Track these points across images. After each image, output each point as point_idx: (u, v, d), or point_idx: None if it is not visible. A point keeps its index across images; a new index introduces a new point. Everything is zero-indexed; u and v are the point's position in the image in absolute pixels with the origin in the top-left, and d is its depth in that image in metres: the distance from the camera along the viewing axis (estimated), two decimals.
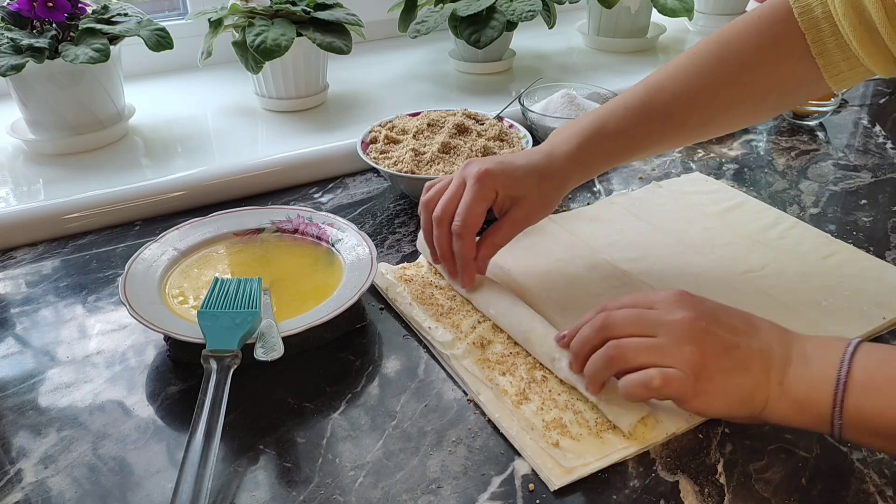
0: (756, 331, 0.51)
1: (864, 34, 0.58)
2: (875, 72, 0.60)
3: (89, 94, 0.92)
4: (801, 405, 0.48)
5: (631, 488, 0.50)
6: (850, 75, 0.61)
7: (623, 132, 0.66)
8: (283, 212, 0.73)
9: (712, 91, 0.64)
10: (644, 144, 0.68)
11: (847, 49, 0.59)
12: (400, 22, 1.17)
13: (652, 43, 1.34)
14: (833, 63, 0.60)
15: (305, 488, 0.50)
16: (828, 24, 0.59)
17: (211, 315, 0.58)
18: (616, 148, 0.67)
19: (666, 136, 0.68)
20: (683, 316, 0.50)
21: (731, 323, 0.51)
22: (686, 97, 0.65)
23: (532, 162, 0.65)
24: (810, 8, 0.60)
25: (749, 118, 0.70)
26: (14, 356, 0.62)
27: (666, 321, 0.50)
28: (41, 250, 0.77)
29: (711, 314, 0.51)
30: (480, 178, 0.62)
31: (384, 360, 0.61)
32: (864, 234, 0.78)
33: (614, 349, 0.51)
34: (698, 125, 0.67)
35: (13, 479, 0.50)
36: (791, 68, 0.62)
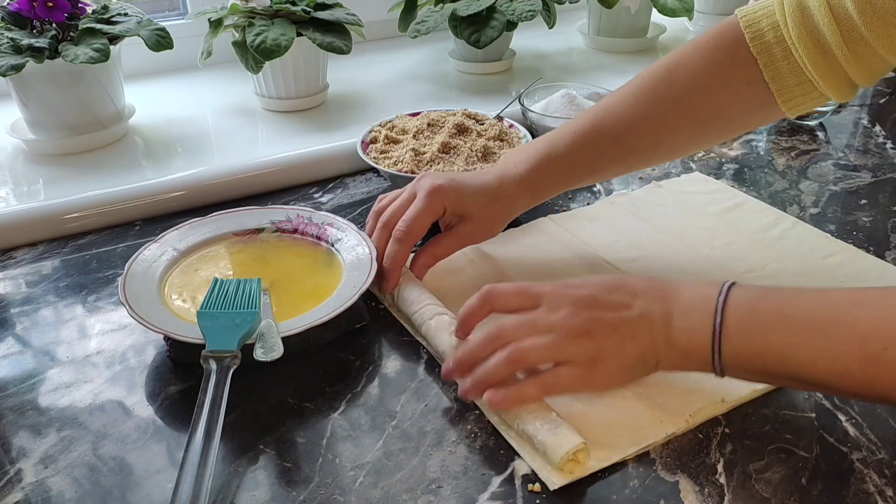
0: (633, 297, 0.54)
1: (819, 58, 0.58)
2: (830, 96, 0.60)
3: (89, 94, 0.92)
4: (686, 354, 0.52)
5: (631, 488, 0.50)
6: (804, 100, 0.61)
7: (572, 156, 0.67)
8: (283, 212, 0.73)
9: (657, 115, 0.65)
10: (593, 168, 0.69)
11: (801, 73, 0.60)
12: (400, 22, 1.17)
13: (652, 43, 1.34)
14: (786, 88, 0.61)
15: (305, 488, 0.50)
16: (780, 49, 0.60)
17: (210, 315, 0.58)
18: (565, 172, 0.68)
19: (615, 160, 0.69)
20: (569, 310, 0.53)
21: (611, 300, 0.53)
22: (633, 121, 0.66)
23: (483, 183, 0.66)
24: (762, 33, 0.60)
25: (694, 143, 0.70)
26: (14, 356, 0.62)
27: (555, 320, 0.52)
28: (41, 250, 0.77)
29: (591, 300, 0.53)
30: (431, 192, 0.64)
31: (384, 360, 0.61)
32: (864, 234, 0.78)
33: (517, 352, 0.52)
34: (646, 149, 0.68)
35: (13, 479, 0.50)
36: (737, 93, 0.63)
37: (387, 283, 0.64)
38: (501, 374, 0.52)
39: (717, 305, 0.51)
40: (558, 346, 0.52)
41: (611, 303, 0.53)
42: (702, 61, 0.63)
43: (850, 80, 0.59)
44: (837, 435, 0.53)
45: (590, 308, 0.53)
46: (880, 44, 0.55)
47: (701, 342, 0.51)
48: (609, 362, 0.52)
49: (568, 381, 0.52)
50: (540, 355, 0.52)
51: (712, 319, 0.51)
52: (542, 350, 0.52)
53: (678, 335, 0.52)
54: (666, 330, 0.52)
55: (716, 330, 0.50)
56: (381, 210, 0.67)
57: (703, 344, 0.51)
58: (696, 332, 0.51)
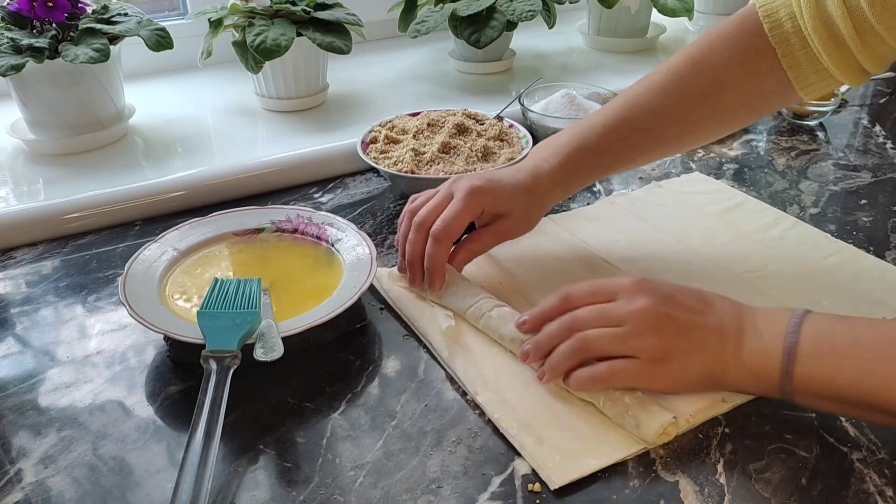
0: (710, 307, 0.54)
1: (833, 48, 0.60)
2: (844, 82, 0.62)
3: (89, 94, 0.92)
4: (756, 374, 0.52)
5: (631, 488, 0.50)
6: (820, 86, 0.63)
7: (602, 148, 0.68)
8: (283, 212, 0.73)
9: (686, 108, 0.67)
10: (624, 160, 0.71)
11: (817, 62, 0.62)
12: (400, 22, 1.17)
13: (652, 43, 1.34)
14: (804, 76, 0.63)
15: (305, 488, 0.49)
16: (797, 39, 0.62)
17: (211, 315, 0.58)
18: (597, 164, 0.70)
19: (645, 150, 0.70)
20: (643, 304, 0.53)
21: (687, 303, 0.54)
22: (662, 113, 0.67)
23: (519, 181, 0.67)
24: (780, 23, 0.62)
25: (718, 132, 0.72)
26: (14, 356, 0.62)
27: (627, 312, 0.53)
28: (41, 250, 0.77)
29: (668, 298, 0.53)
30: (470, 193, 0.64)
31: (384, 360, 0.61)
32: (864, 234, 0.78)
33: (581, 341, 0.53)
34: (673, 140, 0.70)
35: (13, 479, 0.50)
36: (762, 82, 0.65)
37: (432, 284, 0.64)
38: (567, 362, 0.54)
39: (791, 328, 0.51)
40: (624, 338, 0.52)
41: (686, 305, 0.53)
42: (727, 53, 0.65)
43: (861, 67, 0.61)
44: (837, 435, 0.53)
45: (665, 305, 0.53)
46: (890, 35, 0.58)
47: (772, 364, 0.51)
48: (674, 365, 0.52)
49: (626, 374, 0.53)
50: (604, 346, 0.53)
51: (784, 341, 0.50)
52: (606, 340, 0.53)
53: (749, 355, 0.52)
54: (737, 348, 0.52)
55: (788, 352, 0.50)
56: (415, 210, 0.67)
57: (774, 365, 0.51)
58: (768, 354, 0.51)
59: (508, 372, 0.58)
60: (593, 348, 0.53)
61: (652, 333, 0.52)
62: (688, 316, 0.53)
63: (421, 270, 0.65)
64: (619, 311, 0.53)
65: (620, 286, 0.55)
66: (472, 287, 0.65)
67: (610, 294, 0.55)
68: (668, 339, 0.52)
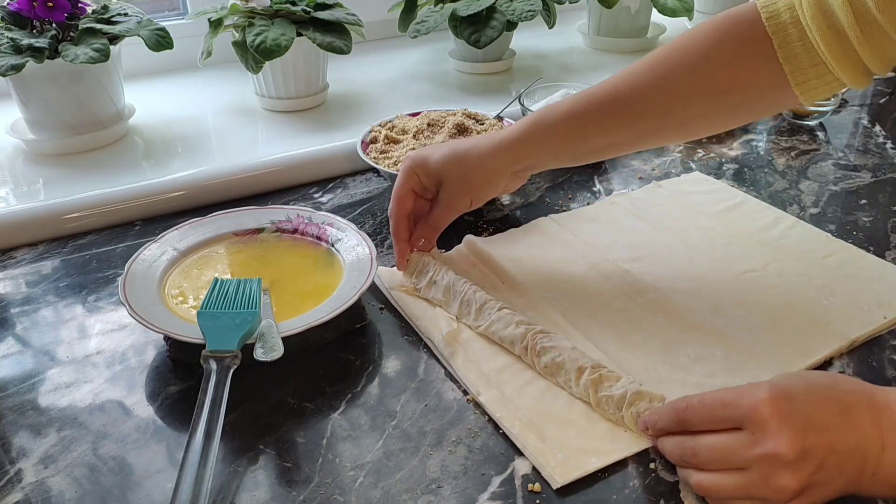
0: (848, 417, 0.45)
1: (833, 39, 0.56)
2: (844, 80, 0.58)
3: (89, 94, 0.92)
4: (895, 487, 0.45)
5: (631, 488, 0.50)
6: (817, 84, 0.59)
7: (577, 112, 0.64)
8: (283, 212, 0.73)
9: (671, 80, 0.62)
10: (600, 129, 0.64)
11: (815, 55, 0.58)
12: (400, 22, 1.17)
13: (652, 43, 1.34)
14: (800, 70, 0.59)
15: (305, 488, 0.50)
16: (795, 30, 0.58)
17: (211, 315, 0.58)
18: (568, 129, 0.64)
19: (622, 123, 0.64)
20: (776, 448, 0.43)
21: (825, 421, 0.45)
22: (644, 84, 0.63)
23: (456, 145, 0.68)
24: (778, 12, 0.59)
25: (707, 119, 0.65)
26: (14, 356, 0.62)
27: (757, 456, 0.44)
28: (41, 250, 0.77)
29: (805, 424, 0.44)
30: (403, 162, 0.69)
31: (384, 360, 0.61)
32: (864, 234, 0.78)
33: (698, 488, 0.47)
34: (656, 115, 0.63)
35: (13, 479, 0.50)
36: (754, 69, 0.60)
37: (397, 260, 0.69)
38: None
39: None
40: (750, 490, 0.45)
41: (825, 425, 0.44)
42: (718, 34, 0.61)
43: (863, 66, 0.57)
44: None
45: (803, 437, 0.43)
46: (892, 28, 0.54)
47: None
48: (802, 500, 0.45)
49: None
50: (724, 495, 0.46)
51: None
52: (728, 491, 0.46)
53: (890, 469, 0.44)
54: (876, 466, 0.45)
55: None
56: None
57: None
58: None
59: (510, 371, 0.58)
60: (710, 494, 0.47)
61: (784, 479, 0.43)
62: (826, 441, 0.44)
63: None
64: (745, 453, 0.45)
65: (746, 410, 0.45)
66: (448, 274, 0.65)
67: (735, 419, 0.46)
68: (802, 480, 0.44)
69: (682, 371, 0.58)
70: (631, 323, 0.64)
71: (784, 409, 0.44)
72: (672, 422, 0.49)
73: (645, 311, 0.65)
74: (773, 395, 0.45)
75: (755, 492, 0.44)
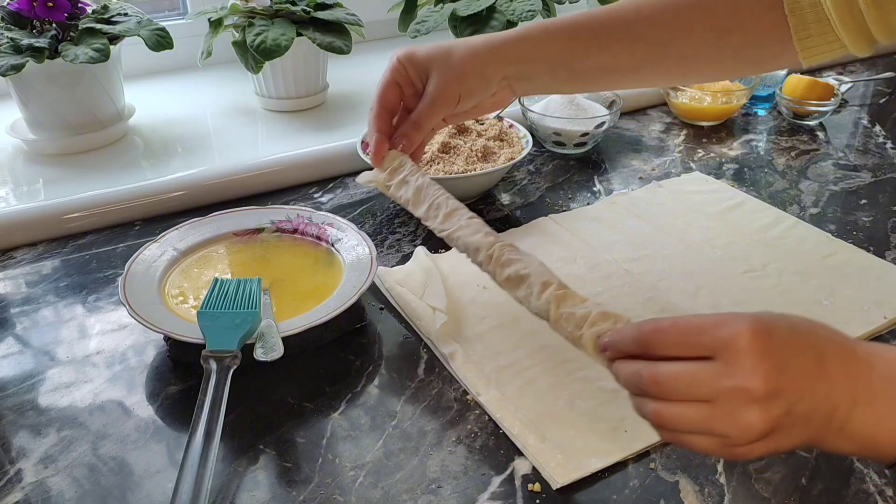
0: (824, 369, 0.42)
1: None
2: (846, 42, 0.57)
3: (89, 94, 0.92)
4: (863, 446, 0.43)
5: (631, 488, 0.50)
6: (819, 42, 0.58)
7: (577, 23, 0.63)
8: (283, 212, 0.73)
9: (675, 7, 0.61)
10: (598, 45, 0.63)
11: (820, 10, 0.56)
12: (400, 22, 1.17)
13: None
14: (804, 24, 0.57)
15: (305, 488, 0.49)
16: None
17: (211, 315, 0.58)
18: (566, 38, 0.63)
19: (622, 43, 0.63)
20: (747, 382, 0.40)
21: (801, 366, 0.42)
22: (648, 8, 0.62)
23: (449, 42, 0.65)
24: None
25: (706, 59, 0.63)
26: (14, 356, 0.62)
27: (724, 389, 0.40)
28: (41, 250, 0.77)
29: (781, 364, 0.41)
30: (391, 59, 0.65)
31: (384, 360, 0.61)
32: (863, 234, 0.78)
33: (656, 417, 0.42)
34: (656, 43, 0.62)
35: (13, 479, 0.50)
36: (759, 14, 0.59)
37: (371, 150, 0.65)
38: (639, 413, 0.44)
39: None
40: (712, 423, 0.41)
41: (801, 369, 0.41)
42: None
43: (867, 30, 0.56)
44: None
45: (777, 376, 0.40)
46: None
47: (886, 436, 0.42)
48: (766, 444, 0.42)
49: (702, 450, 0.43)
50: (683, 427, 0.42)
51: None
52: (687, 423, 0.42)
53: (858, 426, 0.42)
54: (845, 418, 0.42)
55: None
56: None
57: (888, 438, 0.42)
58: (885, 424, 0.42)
59: (510, 371, 0.59)
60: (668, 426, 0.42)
61: (750, 416, 0.40)
62: (798, 386, 0.41)
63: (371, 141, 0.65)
64: (714, 383, 0.41)
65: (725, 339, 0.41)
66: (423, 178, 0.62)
67: (709, 347, 0.41)
68: (768, 421, 0.40)
69: None
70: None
71: (763, 345, 0.41)
72: (635, 343, 0.44)
73: (645, 310, 0.65)
74: (754, 328, 0.41)
75: (718, 426, 0.41)
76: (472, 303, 0.66)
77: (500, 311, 0.65)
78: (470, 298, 0.67)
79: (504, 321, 0.64)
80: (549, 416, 0.54)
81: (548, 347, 0.61)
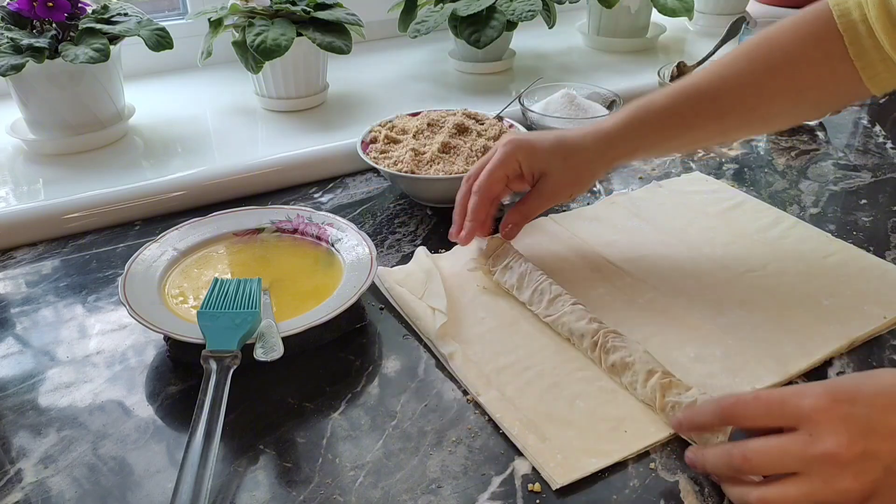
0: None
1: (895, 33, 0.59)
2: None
3: (89, 94, 0.92)
4: None
5: (631, 488, 0.50)
6: (887, 77, 0.62)
7: (668, 110, 0.67)
8: (283, 212, 0.73)
9: (757, 77, 0.66)
10: (690, 125, 0.68)
11: (882, 49, 0.61)
12: (400, 22, 1.17)
13: (652, 43, 1.34)
14: (870, 65, 0.62)
15: (305, 488, 0.49)
16: (865, 27, 0.61)
17: (211, 315, 0.58)
18: (657, 127, 0.68)
19: (712, 118, 0.68)
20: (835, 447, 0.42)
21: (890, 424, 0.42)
22: (732, 80, 0.66)
23: (562, 137, 0.68)
24: (848, 11, 0.62)
25: (789, 113, 0.70)
26: (14, 356, 0.62)
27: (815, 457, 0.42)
28: (41, 250, 0.77)
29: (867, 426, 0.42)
30: (504, 146, 0.68)
31: (384, 360, 0.61)
32: (864, 234, 0.78)
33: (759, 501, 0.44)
34: (743, 111, 0.67)
35: (13, 479, 0.50)
36: (833, 68, 0.63)
37: (468, 236, 0.68)
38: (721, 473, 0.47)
39: None
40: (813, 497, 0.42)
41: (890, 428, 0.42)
42: (797, 34, 0.65)
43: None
44: None
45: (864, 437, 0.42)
46: None
47: None
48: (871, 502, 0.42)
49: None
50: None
51: None
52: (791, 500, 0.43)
53: None
54: None
55: None
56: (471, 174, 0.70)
57: None
58: None
59: (510, 371, 0.58)
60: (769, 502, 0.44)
61: (846, 482, 0.41)
62: (892, 446, 0.42)
63: (461, 222, 0.68)
64: (804, 453, 0.42)
65: (804, 410, 0.43)
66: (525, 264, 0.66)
67: (789, 417, 0.44)
68: (866, 485, 0.41)
69: (681, 371, 0.58)
70: (631, 323, 0.64)
71: (844, 411, 0.43)
72: (716, 416, 0.47)
73: (644, 310, 0.65)
74: (834, 396, 0.43)
75: (820, 497, 0.42)
76: (471, 303, 0.66)
77: (499, 312, 0.65)
78: (470, 299, 0.67)
79: (504, 322, 0.64)
80: (549, 416, 0.54)
81: (547, 348, 0.61)
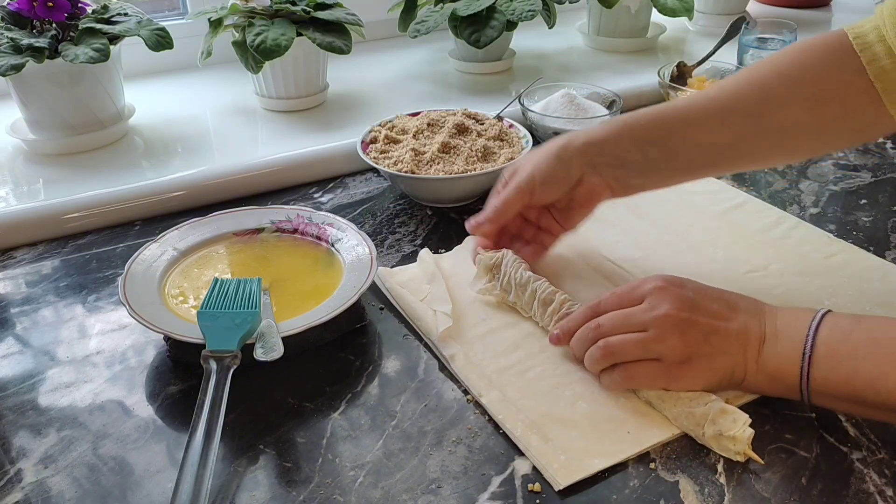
0: (734, 311, 0.55)
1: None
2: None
3: (89, 94, 0.92)
4: (774, 377, 0.53)
5: (631, 488, 0.50)
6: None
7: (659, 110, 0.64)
8: (283, 212, 0.73)
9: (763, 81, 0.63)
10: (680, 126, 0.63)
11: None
12: (400, 22, 1.17)
13: (652, 43, 1.34)
14: (892, 87, 0.59)
15: (305, 488, 0.49)
16: (882, 47, 0.59)
17: (211, 315, 0.58)
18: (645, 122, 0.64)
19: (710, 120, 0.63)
20: (666, 310, 0.54)
21: (711, 308, 0.55)
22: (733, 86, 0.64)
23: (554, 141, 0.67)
24: (864, 33, 0.61)
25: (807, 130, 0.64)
26: (14, 356, 0.62)
27: (651, 317, 0.54)
28: (41, 250, 0.77)
29: (692, 303, 0.54)
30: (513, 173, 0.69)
31: (384, 360, 0.61)
32: (864, 234, 0.77)
33: (605, 349, 0.55)
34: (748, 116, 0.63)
35: (13, 479, 0.50)
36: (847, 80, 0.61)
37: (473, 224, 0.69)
38: (597, 366, 0.56)
39: (809, 332, 0.52)
40: (646, 343, 0.54)
41: (710, 310, 0.54)
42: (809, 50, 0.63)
43: None
44: (837, 435, 0.53)
45: (689, 310, 0.54)
46: None
47: (791, 368, 0.52)
48: (695, 368, 0.53)
49: (646, 377, 0.54)
50: (627, 351, 0.54)
51: (803, 346, 0.51)
52: (630, 346, 0.54)
53: (769, 359, 0.53)
54: (757, 352, 0.53)
55: (805, 356, 0.51)
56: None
57: (791, 370, 0.52)
58: (786, 358, 0.52)
59: (512, 372, 0.58)
60: (617, 354, 0.55)
61: (674, 338, 0.53)
62: (711, 321, 0.54)
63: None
64: (643, 316, 0.54)
65: (646, 290, 0.56)
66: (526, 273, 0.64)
67: (636, 298, 0.56)
68: (689, 344, 0.53)
69: None
70: None
71: (676, 291, 0.55)
72: (585, 316, 0.58)
73: None
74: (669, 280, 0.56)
75: (653, 346, 0.53)
76: (472, 304, 0.66)
77: (500, 313, 0.65)
78: (471, 300, 0.67)
79: (505, 322, 0.64)
80: (552, 417, 0.54)
81: (549, 348, 0.61)
